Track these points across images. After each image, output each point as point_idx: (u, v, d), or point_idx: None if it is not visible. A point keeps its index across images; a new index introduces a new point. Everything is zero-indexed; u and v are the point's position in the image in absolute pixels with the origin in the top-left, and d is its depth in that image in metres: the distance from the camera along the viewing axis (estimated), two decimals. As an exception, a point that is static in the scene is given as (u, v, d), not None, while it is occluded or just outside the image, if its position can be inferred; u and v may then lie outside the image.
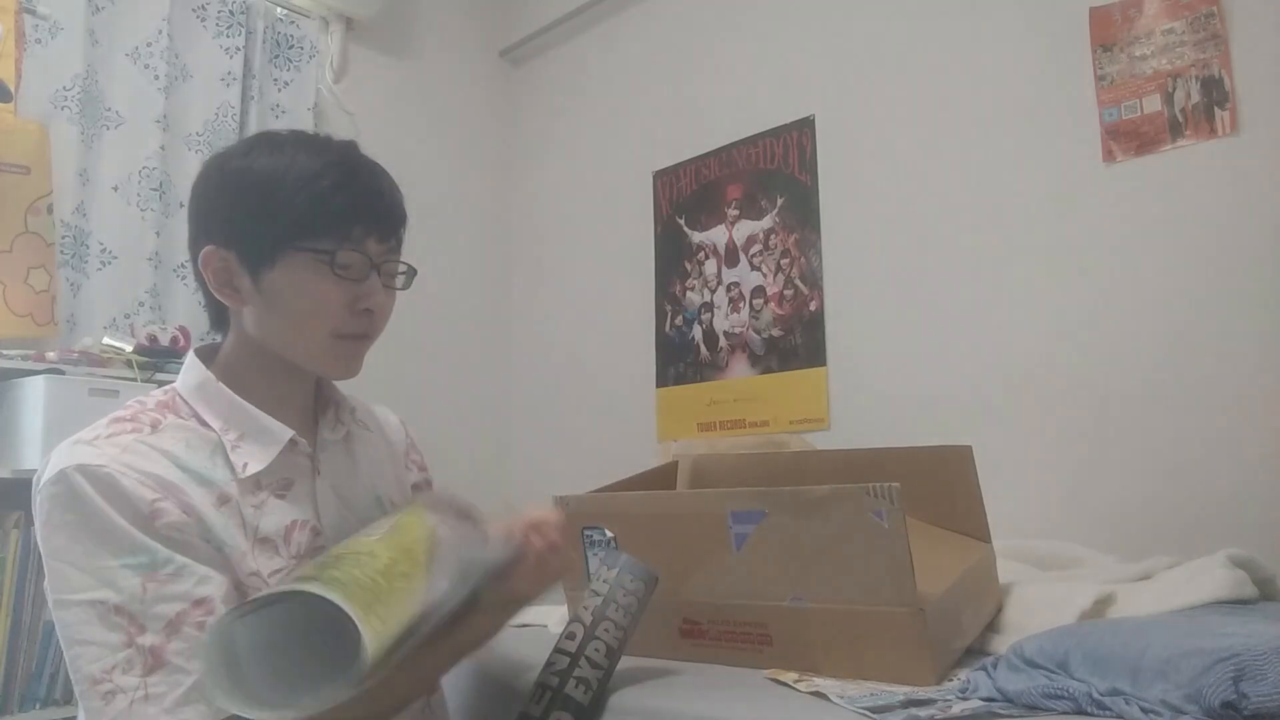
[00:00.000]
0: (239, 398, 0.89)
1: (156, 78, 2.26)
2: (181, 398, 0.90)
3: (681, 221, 2.57)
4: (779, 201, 2.33)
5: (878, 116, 2.15)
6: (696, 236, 2.53)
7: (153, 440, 0.83)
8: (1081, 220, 1.79)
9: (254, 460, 0.87)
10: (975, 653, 1.07)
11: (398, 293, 0.96)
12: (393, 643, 0.71)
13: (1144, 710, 0.75)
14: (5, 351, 1.81)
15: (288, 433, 0.90)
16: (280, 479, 0.89)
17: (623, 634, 0.94)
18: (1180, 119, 1.69)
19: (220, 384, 0.90)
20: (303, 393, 0.97)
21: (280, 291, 0.87)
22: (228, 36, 2.41)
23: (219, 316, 0.95)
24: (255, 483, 0.87)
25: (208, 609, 0.77)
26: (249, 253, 0.87)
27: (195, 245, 0.90)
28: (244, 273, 0.88)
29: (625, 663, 0.98)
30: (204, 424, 0.87)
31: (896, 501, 0.91)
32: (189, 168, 2.32)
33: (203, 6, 2.40)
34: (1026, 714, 0.81)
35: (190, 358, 0.93)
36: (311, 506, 0.91)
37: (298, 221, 0.85)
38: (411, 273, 0.96)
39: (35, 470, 0.83)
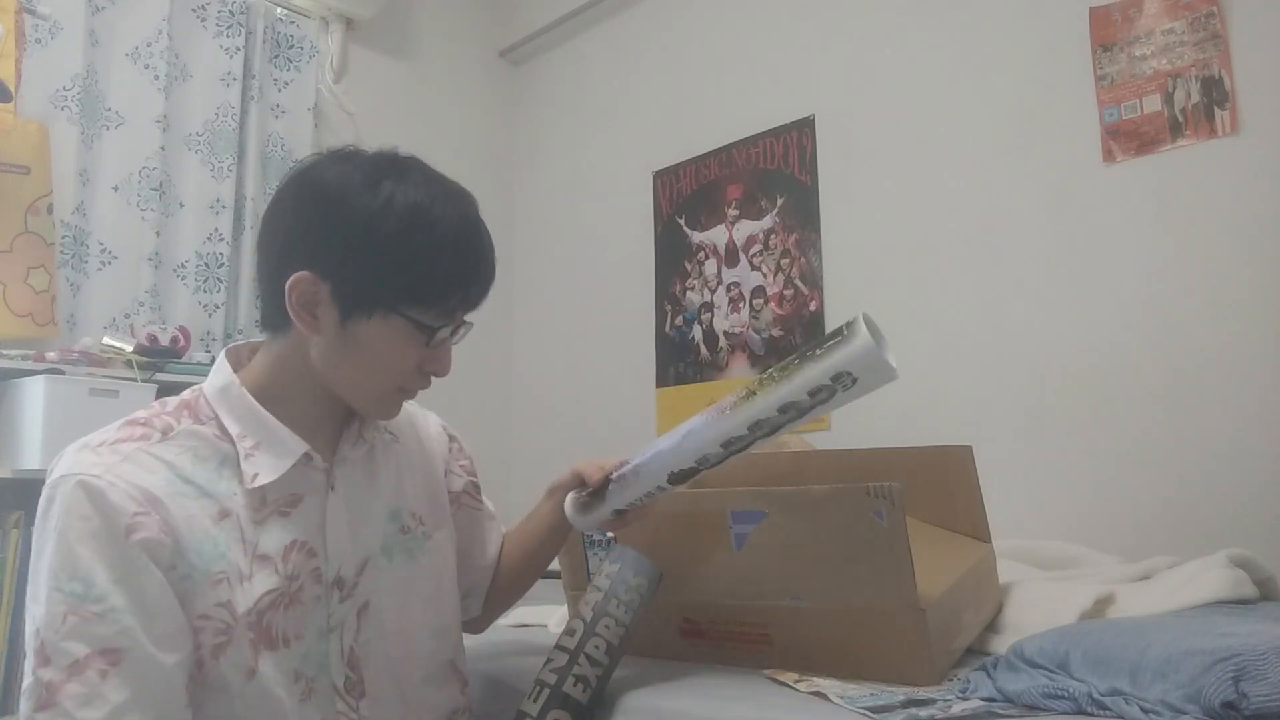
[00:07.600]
0: (261, 407, 0.87)
1: (156, 78, 2.26)
2: (206, 399, 0.88)
3: (681, 221, 2.57)
4: (779, 201, 2.33)
5: (878, 116, 2.15)
6: (696, 236, 2.53)
7: (159, 450, 0.83)
8: (1081, 220, 1.79)
9: (265, 472, 0.85)
10: (975, 653, 1.07)
11: None
12: None
13: (1144, 710, 0.74)
14: (5, 351, 1.81)
15: (303, 447, 0.88)
16: (288, 494, 0.87)
17: (624, 631, 0.93)
18: (1180, 119, 1.69)
19: (244, 390, 0.88)
20: (334, 415, 0.94)
21: (366, 343, 0.86)
22: (228, 36, 2.41)
23: (276, 322, 0.89)
24: (261, 498, 0.85)
25: (114, 660, 0.74)
26: (347, 296, 0.85)
27: (286, 261, 0.85)
28: (334, 309, 0.85)
29: (625, 663, 0.97)
30: (222, 430, 0.86)
31: (897, 501, 0.91)
32: (189, 168, 2.33)
33: (203, 6, 2.40)
34: (1026, 714, 0.81)
35: (220, 359, 0.91)
36: (316, 524, 0.89)
37: (408, 289, 0.85)
38: (469, 327, 0.94)
39: (35, 470, 0.83)
